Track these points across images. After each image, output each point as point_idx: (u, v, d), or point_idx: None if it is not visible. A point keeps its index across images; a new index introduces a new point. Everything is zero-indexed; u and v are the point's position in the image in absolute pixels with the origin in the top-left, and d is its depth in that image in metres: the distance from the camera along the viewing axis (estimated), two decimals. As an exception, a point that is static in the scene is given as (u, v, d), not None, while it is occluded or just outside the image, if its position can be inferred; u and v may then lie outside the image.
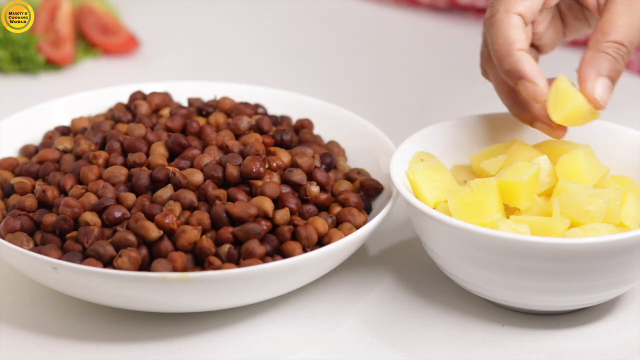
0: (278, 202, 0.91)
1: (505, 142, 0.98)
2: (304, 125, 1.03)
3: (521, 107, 0.95)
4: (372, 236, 0.96)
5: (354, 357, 0.86)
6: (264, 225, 0.88)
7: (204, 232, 0.88)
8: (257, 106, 1.04)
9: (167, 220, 0.87)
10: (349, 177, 0.98)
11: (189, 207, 0.89)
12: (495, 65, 0.92)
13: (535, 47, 0.98)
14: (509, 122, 0.99)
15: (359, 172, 0.99)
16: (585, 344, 0.87)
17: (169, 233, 0.87)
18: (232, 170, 0.91)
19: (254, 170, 0.91)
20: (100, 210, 0.89)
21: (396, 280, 0.94)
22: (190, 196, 0.89)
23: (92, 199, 0.90)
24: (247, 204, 0.88)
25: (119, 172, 0.93)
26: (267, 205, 0.89)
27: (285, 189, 0.92)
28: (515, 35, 0.90)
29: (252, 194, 0.91)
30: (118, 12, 1.41)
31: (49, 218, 0.89)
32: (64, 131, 1.03)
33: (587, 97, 0.91)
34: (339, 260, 0.90)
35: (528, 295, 0.86)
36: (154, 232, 0.86)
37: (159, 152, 0.95)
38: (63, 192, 0.92)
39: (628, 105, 1.26)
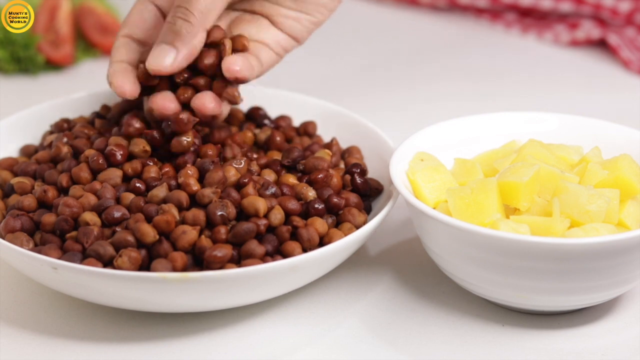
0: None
1: (505, 141, 0.98)
2: (307, 130, 1.03)
3: None
4: (372, 236, 0.96)
5: (354, 357, 0.86)
6: (261, 224, 0.87)
7: (200, 231, 0.88)
8: (256, 107, 1.04)
9: (165, 221, 0.86)
10: (349, 177, 0.98)
11: (184, 207, 0.89)
12: None
13: None
14: (508, 122, 0.99)
15: (359, 172, 0.99)
16: (585, 344, 0.87)
17: (167, 234, 0.87)
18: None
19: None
20: (100, 210, 0.89)
21: (396, 280, 0.94)
22: (184, 195, 0.89)
23: (91, 199, 0.90)
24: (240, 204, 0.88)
25: (114, 174, 0.92)
26: (260, 204, 0.88)
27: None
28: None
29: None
30: (118, 12, 1.41)
31: (49, 218, 0.89)
32: (63, 131, 1.03)
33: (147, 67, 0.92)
34: (339, 261, 0.90)
35: (528, 295, 0.86)
36: (149, 236, 0.86)
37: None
38: (63, 192, 0.92)
39: (628, 105, 1.26)
